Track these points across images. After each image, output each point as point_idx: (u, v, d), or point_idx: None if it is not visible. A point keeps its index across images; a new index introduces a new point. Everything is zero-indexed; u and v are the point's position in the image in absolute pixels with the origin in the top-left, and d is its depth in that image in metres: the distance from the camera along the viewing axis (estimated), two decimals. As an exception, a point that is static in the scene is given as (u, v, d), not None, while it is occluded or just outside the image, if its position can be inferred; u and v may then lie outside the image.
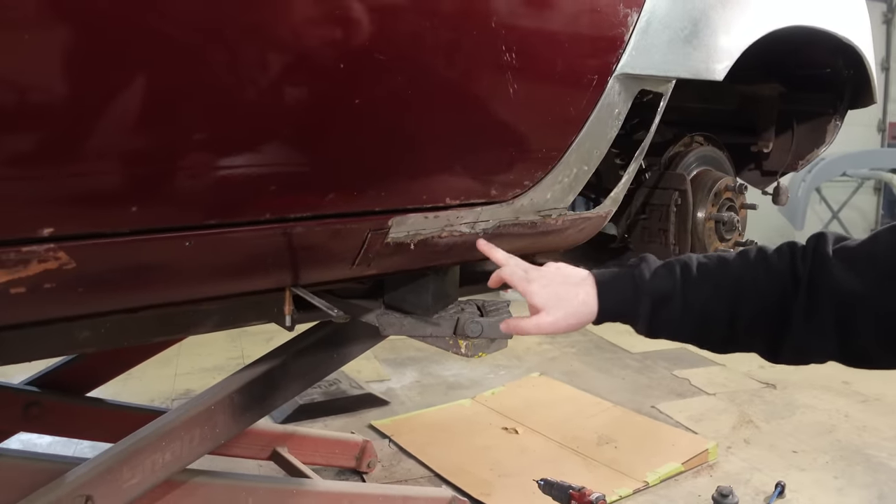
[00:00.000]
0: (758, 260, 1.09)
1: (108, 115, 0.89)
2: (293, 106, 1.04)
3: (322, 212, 1.15)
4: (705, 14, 1.53)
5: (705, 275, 1.10)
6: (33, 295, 0.95)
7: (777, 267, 1.07)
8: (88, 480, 1.63)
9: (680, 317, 1.10)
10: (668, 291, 1.10)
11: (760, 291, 1.07)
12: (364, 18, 1.04)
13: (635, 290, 1.11)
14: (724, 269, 1.10)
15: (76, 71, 0.84)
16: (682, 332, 1.12)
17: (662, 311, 1.10)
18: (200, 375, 4.08)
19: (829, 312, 1.01)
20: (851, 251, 1.02)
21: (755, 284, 1.07)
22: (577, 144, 1.44)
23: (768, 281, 1.07)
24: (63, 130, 0.87)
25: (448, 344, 1.53)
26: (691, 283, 1.10)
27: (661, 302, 1.10)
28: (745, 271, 1.08)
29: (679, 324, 1.11)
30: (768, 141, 2.54)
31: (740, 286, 1.07)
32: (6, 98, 0.81)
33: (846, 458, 3.28)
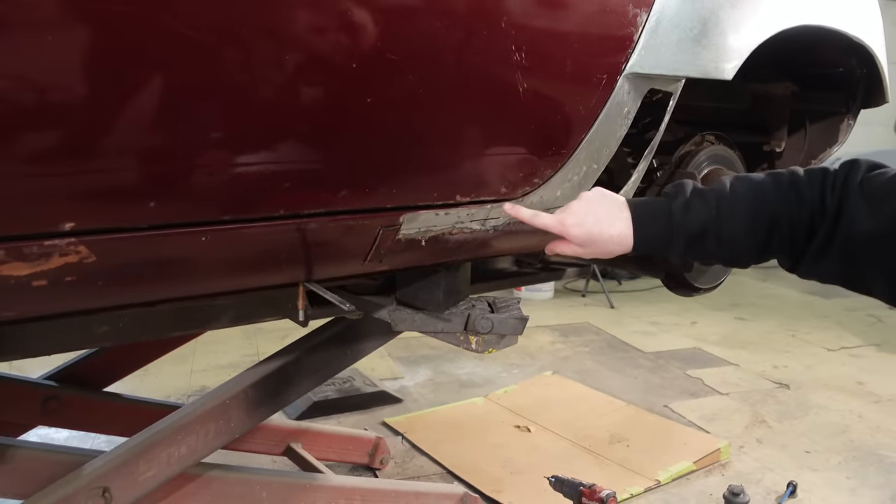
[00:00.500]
0: (791, 189, 1.12)
1: (127, 114, 0.91)
2: (307, 105, 1.06)
3: (335, 208, 1.17)
4: (715, 14, 1.54)
5: (740, 207, 1.14)
6: (54, 288, 0.98)
7: (808, 197, 1.11)
8: (106, 472, 1.66)
9: (714, 250, 1.15)
10: (703, 227, 1.14)
11: (792, 223, 1.12)
12: (376, 19, 1.06)
13: (670, 227, 1.15)
14: (758, 199, 1.13)
15: (97, 73, 0.87)
16: (714, 260, 1.22)
17: (696, 246, 1.15)
18: (216, 372, 4.11)
19: (841, 249, 1.07)
20: (877, 186, 1.05)
21: (788, 216, 1.11)
22: (587, 143, 1.45)
23: (799, 212, 1.11)
24: (83, 129, 0.89)
25: (459, 339, 1.54)
26: (725, 217, 1.13)
27: (695, 238, 1.14)
28: (779, 204, 1.12)
29: (711, 255, 1.17)
30: (781, 140, 2.54)
31: (773, 219, 1.12)
32: (29, 98, 0.84)
33: (859, 459, 3.28)
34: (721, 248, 1.15)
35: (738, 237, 1.13)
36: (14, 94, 0.83)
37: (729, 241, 1.14)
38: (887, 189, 1.03)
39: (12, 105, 0.83)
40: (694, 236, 1.14)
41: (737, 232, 1.13)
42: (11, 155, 0.86)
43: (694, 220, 1.13)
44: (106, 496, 1.65)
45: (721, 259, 1.20)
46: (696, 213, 1.13)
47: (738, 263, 1.20)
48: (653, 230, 1.16)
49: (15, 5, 0.80)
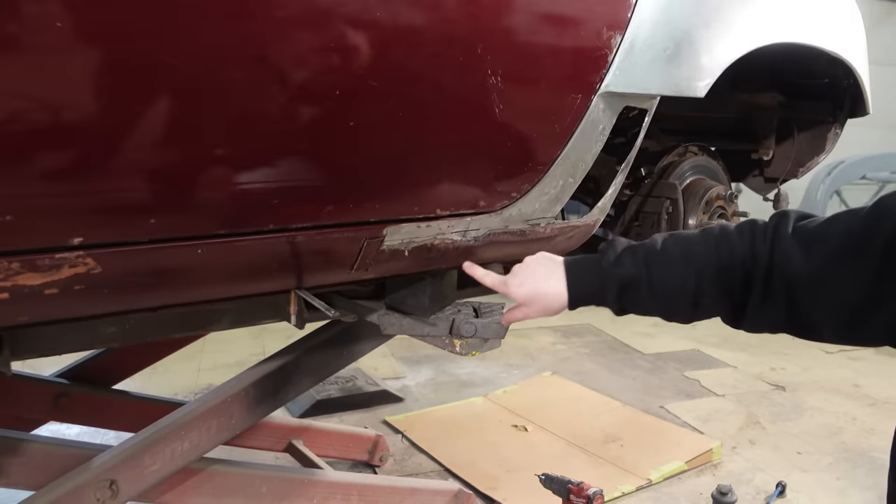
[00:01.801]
0: (721, 242, 1.15)
1: (131, 140, 1.01)
2: (295, 128, 1.15)
3: (321, 222, 1.26)
4: (688, 34, 1.61)
5: (669, 258, 1.18)
6: (64, 295, 1.08)
7: (739, 250, 1.13)
8: (113, 466, 1.74)
9: (646, 298, 1.18)
10: (634, 276, 1.17)
11: (723, 273, 1.14)
12: (359, 49, 1.15)
13: (602, 277, 1.20)
14: (687, 252, 1.17)
15: (104, 106, 0.97)
16: (650, 310, 1.20)
17: (628, 294, 1.19)
18: (223, 371, 4.19)
19: (781, 295, 1.08)
20: (808, 231, 1.08)
21: (719, 270, 1.14)
22: (563, 158, 1.53)
23: (731, 265, 1.13)
24: (91, 153, 0.99)
25: (444, 343, 1.63)
26: (655, 266, 1.17)
27: (626, 286, 1.18)
28: (708, 256, 1.15)
29: (645, 304, 1.19)
30: (769, 149, 2.60)
31: (702, 274, 1.14)
32: (43, 126, 0.94)
33: (850, 460, 3.31)
34: (654, 301, 1.18)
35: (668, 292, 1.17)
36: (29, 123, 0.93)
37: (661, 294, 1.17)
38: (818, 232, 1.07)
39: (28, 132, 0.93)
40: (624, 287, 1.18)
41: (667, 286, 1.16)
42: (27, 177, 0.96)
43: (623, 273, 1.18)
44: (113, 488, 1.73)
45: (658, 312, 1.21)
46: (625, 268, 1.18)
47: (676, 317, 1.21)
48: (585, 285, 1.21)
49: (28, 33, 0.89)
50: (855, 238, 1.03)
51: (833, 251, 1.04)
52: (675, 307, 1.18)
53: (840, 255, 1.03)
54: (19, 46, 0.90)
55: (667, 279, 1.17)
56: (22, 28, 0.89)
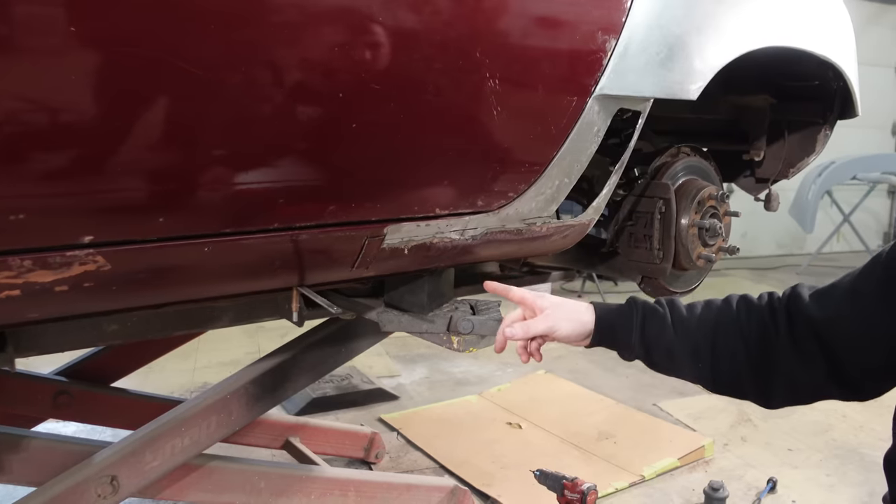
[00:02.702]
0: (739, 301, 1.21)
1: (140, 140, 1.04)
2: (299, 130, 1.18)
3: (324, 221, 1.30)
4: (681, 39, 1.65)
5: (691, 305, 1.24)
6: (74, 292, 1.11)
7: (756, 305, 1.19)
8: (114, 462, 1.76)
9: (669, 331, 1.21)
10: (657, 310, 1.24)
11: (741, 325, 1.17)
12: (361, 53, 1.18)
13: (629, 305, 1.26)
14: (707, 307, 1.23)
15: (115, 106, 1.00)
16: (671, 349, 1.22)
17: (652, 323, 1.23)
18: (218, 369, 4.22)
19: (811, 339, 1.10)
20: (823, 288, 1.14)
21: (737, 319, 1.18)
22: (559, 159, 1.57)
23: (748, 315, 1.18)
24: (102, 153, 1.02)
25: (441, 339, 1.66)
26: (678, 306, 1.24)
27: (651, 315, 1.23)
28: (726, 310, 1.20)
29: (668, 338, 1.21)
30: (759, 150, 2.63)
31: (720, 321, 1.19)
32: (54, 127, 0.97)
33: (840, 457, 3.34)
34: (676, 338, 1.21)
35: (690, 327, 1.20)
36: (42, 125, 0.96)
37: (682, 330, 1.21)
38: (835, 283, 1.12)
39: (40, 133, 0.96)
40: (648, 316, 1.24)
41: (689, 322, 1.21)
42: (39, 176, 0.99)
43: (647, 304, 1.26)
44: (114, 484, 1.75)
45: (679, 351, 1.22)
46: (649, 304, 1.26)
47: (697, 363, 1.21)
48: (612, 311, 1.28)
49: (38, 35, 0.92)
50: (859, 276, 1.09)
51: (852, 290, 1.09)
52: (696, 346, 1.20)
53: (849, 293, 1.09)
54: (29, 48, 0.92)
55: (687, 316, 1.22)
56: (30, 29, 0.91)
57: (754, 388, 1.18)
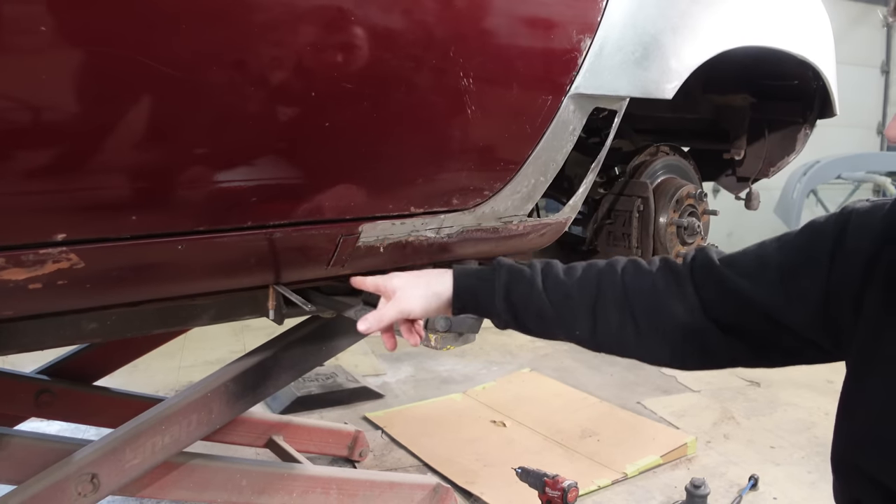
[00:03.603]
0: (627, 264, 1.14)
1: (113, 138, 1.05)
2: (271, 128, 1.19)
3: (298, 219, 1.30)
4: (656, 38, 1.67)
5: (569, 268, 1.16)
6: (48, 290, 1.11)
7: (647, 269, 1.12)
8: (94, 460, 1.76)
9: (538, 296, 1.13)
10: (525, 272, 1.15)
11: (625, 282, 1.11)
12: (334, 52, 1.19)
13: (493, 268, 1.17)
14: (589, 268, 1.15)
15: (87, 104, 1.00)
16: (541, 314, 1.13)
17: (519, 287, 1.14)
18: (203, 368, 4.19)
19: (725, 306, 1.05)
20: (736, 255, 1.09)
21: (622, 283, 1.11)
22: (534, 158, 1.58)
23: (636, 278, 1.11)
24: (74, 151, 1.03)
25: (419, 337, 1.66)
26: (551, 269, 1.15)
27: (518, 278, 1.14)
28: (609, 272, 1.13)
29: (537, 304, 1.13)
30: (740, 149, 2.64)
31: (604, 283, 1.12)
32: (27, 125, 0.98)
33: (822, 454, 3.35)
34: (549, 303, 1.13)
35: (567, 290, 1.12)
36: (15, 123, 0.96)
37: (557, 294, 1.13)
38: (742, 255, 1.08)
39: (13, 131, 0.97)
40: (515, 279, 1.14)
41: (565, 285, 1.13)
42: (12, 174, 1.00)
43: (514, 266, 1.16)
44: (94, 482, 1.75)
45: (550, 318, 1.14)
46: (518, 266, 1.16)
47: (571, 326, 1.14)
48: (472, 275, 1.17)
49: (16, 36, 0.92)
50: None
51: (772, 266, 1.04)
52: (571, 308, 1.12)
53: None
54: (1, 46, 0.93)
55: (564, 279, 1.14)
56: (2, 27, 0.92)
57: (644, 350, 1.13)
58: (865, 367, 0.96)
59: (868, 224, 0.97)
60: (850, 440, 0.98)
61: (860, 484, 0.97)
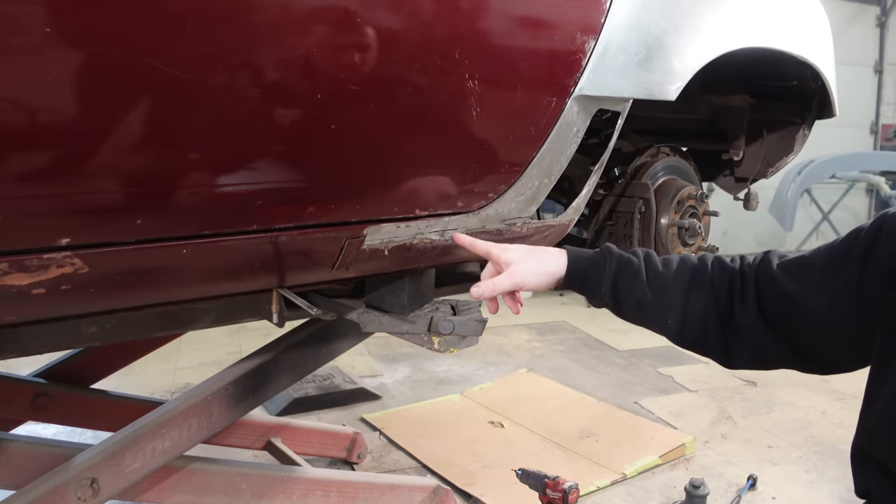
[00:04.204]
0: (714, 262, 1.25)
1: (118, 142, 1.03)
2: (277, 131, 1.18)
3: (303, 222, 1.29)
4: (659, 40, 1.66)
5: (667, 259, 1.27)
6: (51, 295, 1.10)
7: (729, 267, 1.23)
8: (94, 464, 1.75)
9: (642, 283, 1.24)
10: (632, 260, 1.26)
11: (714, 285, 1.22)
12: (339, 54, 1.18)
13: (603, 254, 1.28)
14: (683, 264, 1.26)
15: (94, 107, 0.99)
16: (642, 301, 1.25)
17: (625, 274, 1.25)
18: (199, 370, 4.21)
19: (778, 309, 1.15)
20: (791, 260, 1.18)
21: (711, 279, 1.23)
22: (538, 160, 1.57)
23: (721, 276, 1.23)
24: (78, 155, 1.01)
25: (422, 340, 1.65)
26: (653, 259, 1.27)
27: (625, 266, 1.26)
28: (702, 269, 1.25)
29: (640, 291, 1.24)
30: (739, 149, 2.64)
31: (695, 279, 1.24)
32: (31, 129, 0.96)
33: (819, 454, 3.38)
34: (649, 289, 1.24)
35: (664, 280, 1.24)
36: (18, 127, 0.95)
37: (656, 282, 1.24)
38: (799, 260, 1.18)
39: (17, 135, 0.95)
40: (623, 267, 1.26)
41: (664, 276, 1.24)
42: (15, 178, 0.98)
43: (622, 255, 1.28)
44: (94, 486, 1.74)
45: (649, 305, 1.25)
46: (625, 254, 1.29)
47: (666, 313, 1.25)
48: (584, 257, 1.29)
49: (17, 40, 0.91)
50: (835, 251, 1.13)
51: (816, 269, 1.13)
52: (668, 302, 1.23)
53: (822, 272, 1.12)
54: (4, 48, 0.91)
55: (663, 272, 1.25)
56: (5, 29, 0.90)
57: (718, 346, 1.23)
58: (884, 361, 1.03)
59: None
60: (866, 430, 1.06)
61: (872, 473, 1.03)
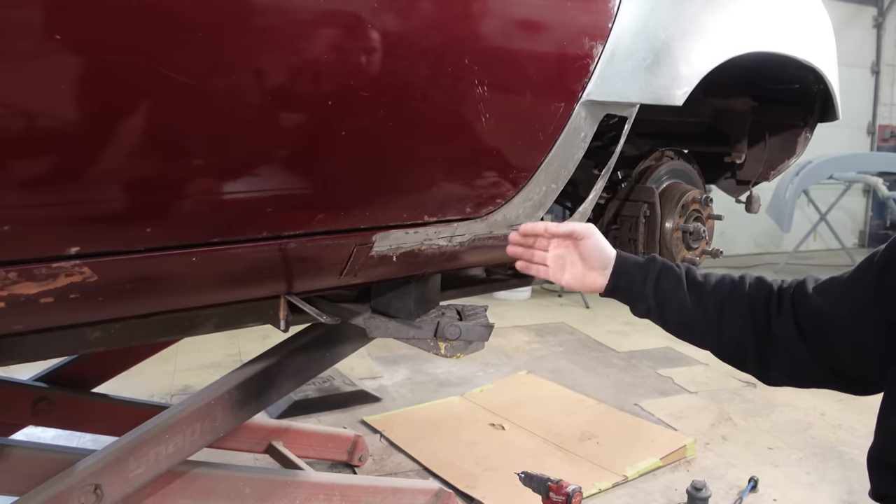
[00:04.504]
0: (753, 280, 1.27)
1: (128, 151, 1.02)
2: (287, 139, 1.17)
3: (313, 229, 1.29)
4: (666, 45, 1.65)
5: (706, 276, 1.30)
6: (60, 304, 1.09)
7: (768, 285, 1.26)
8: (97, 470, 1.74)
9: (683, 290, 1.27)
10: (673, 268, 1.30)
11: (751, 299, 1.25)
12: (350, 61, 1.17)
13: (647, 261, 1.31)
14: (722, 278, 1.29)
15: (103, 116, 0.98)
16: (682, 306, 1.27)
17: (667, 279, 1.28)
18: (198, 372, 4.20)
19: (813, 329, 1.18)
20: (825, 282, 1.21)
21: (748, 294, 1.26)
22: (546, 165, 1.57)
23: (758, 292, 1.25)
24: (88, 163, 1.00)
25: (429, 345, 1.65)
26: (693, 270, 1.30)
27: (667, 272, 1.29)
28: (740, 283, 1.27)
29: (680, 297, 1.27)
30: (741, 152, 2.64)
31: (733, 291, 1.27)
32: (42, 137, 0.95)
33: (819, 455, 3.38)
34: (688, 297, 1.27)
35: (704, 290, 1.27)
36: (29, 136, 0.94)
37: (696, 290, 1.27)
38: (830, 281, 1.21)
39: (27, 144, 0.95)
40: (664, 272, 1.29)
41: (704, 286, 1.28)
42: (25, 188, 0.97)
43: (665, 263, 1.31)
44: (98, 492, 1.73)
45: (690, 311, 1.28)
46: (667, 263, 1.31)
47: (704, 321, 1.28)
48: (631, 261, 1.32)
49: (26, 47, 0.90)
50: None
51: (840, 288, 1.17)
52: (706, 309, 1.26)
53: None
54: (13, 54, 0.90)
55: (703, 282, 1.28)
56: (14, 36, 0.89)
57: (756, 361, 1.25)
58: None
59: None
60: (883, 437, 1.08)
61: (890, 479, 1.06)
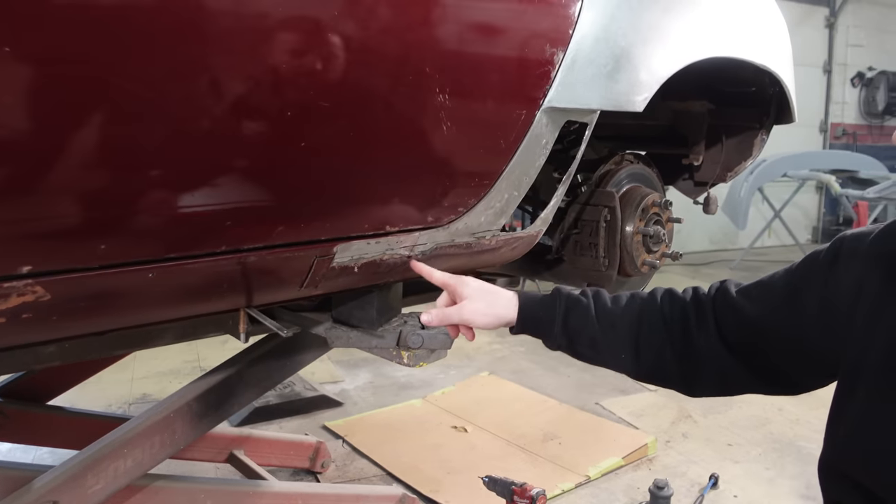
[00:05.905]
0: (664, 295, 1.26)
1: (79, 166, 1.00)
2: (244, 150, 1.15)
3: (272, 242, 1.27)
4: (627, 51, 1.66)
5: (616, 297, 1.27)
6: (12, 324, 1.06)
7: (680, 298, 1.24)
8: (55, 486, 1.69)
9: (592, 322, 1.25)
10: (581, 300, 1.27)
11: (665, 317, 1.23)
12: (308, 70, 1.16)
13: (553, 295, 1.29)
14: (632, 299, 1.27)
15: (54, 129, 0.95)
16: (593, 339, 1.25)
17: (575, 312, 1.26)
18: (157, 379, 4.13)
19: (740, 335, 1.16)
20: (749, 286, 1.19)
21: (661, 311, 1.24)
22: (508, 173, 1.56)
23: (671, 308, 1.23)
24: (39, 180, 0.97)
25: (391, 355, 1.64)
26: (601, 297, 1.27)
27: (574, 305, 1.26)
28: (651, 302, 1.25)
29: (591, 329, 1.25)
30: (698, 154, 2.66)
31: (644, 312, 1.24)
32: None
33: (778, 451, 3.43)
34: (598, 327, 1.25)
35: (613, 318, 1.25)
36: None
37: (605, 320, 1.25)
38: (757, 286, 1.19)
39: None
40: (571, 306, 1.27)
41: (612, 313, 1.25)
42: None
43: (572, 294, 1.30)
44: (55, 509, 1.70)
45: (600, 343, 1.26)
46: (575, 294, 1.30)
47: (618, 350, 1.25)
48: (536, 300, 1.30)
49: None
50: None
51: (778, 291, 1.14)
52: (620, 338, 1.24)
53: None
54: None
55: (612, 308, 1.26)
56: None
57: (676, 376, 1.26)
58: (852, 379, 1.04)
59: (857, 248, 1.07)
60: (836, 448, 1.07)
61: (843, 486, 1.05)
